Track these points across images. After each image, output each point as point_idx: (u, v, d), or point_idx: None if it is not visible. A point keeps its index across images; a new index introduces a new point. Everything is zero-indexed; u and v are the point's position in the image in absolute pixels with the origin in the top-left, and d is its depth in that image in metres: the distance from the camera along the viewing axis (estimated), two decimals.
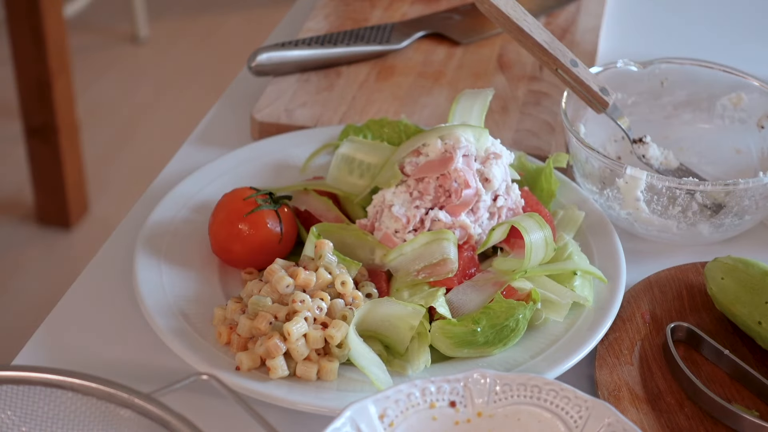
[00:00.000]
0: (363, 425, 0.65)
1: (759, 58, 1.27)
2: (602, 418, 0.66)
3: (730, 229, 0.94)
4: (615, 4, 1.39)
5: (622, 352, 0.82)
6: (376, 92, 1.15)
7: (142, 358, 0.82)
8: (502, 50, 1.24)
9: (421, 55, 1.23)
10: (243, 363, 0.77)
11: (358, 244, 0.87)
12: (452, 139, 0.88)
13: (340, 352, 0.78)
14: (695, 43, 1.31)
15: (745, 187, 0.89)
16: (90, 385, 0.64)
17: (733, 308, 0.83)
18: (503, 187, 0.89)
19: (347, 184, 0.93)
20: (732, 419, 0.76)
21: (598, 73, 1.01)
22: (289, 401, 0.75)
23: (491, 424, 0.68)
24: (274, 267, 0.82)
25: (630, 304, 0.86)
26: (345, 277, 0.81)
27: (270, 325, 0.79)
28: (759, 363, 0.82)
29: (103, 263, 0.93)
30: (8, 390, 0.64)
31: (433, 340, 0.80)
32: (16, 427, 0.65)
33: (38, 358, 0.82)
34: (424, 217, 0.87)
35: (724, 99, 1.06)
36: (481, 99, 0.95)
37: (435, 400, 0.68)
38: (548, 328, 0.83)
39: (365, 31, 1.24)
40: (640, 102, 1.07)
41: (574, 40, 1.27)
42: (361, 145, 0.95)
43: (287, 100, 1.13)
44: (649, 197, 0.92)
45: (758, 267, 0.84)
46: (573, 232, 0.92)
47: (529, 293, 0.83)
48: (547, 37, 0.95)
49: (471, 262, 0.86)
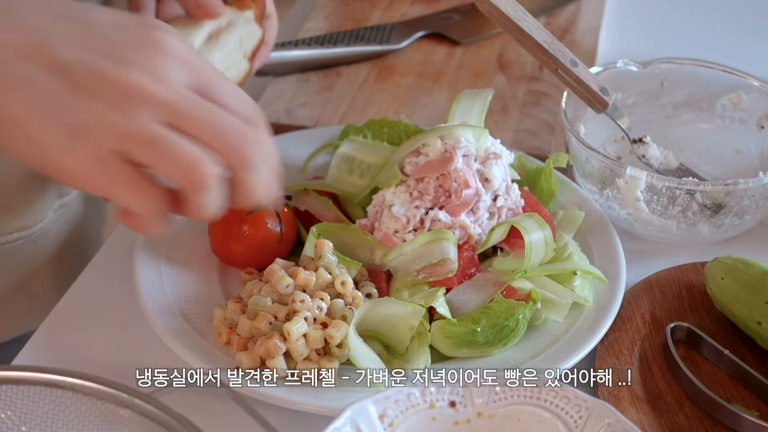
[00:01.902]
0: (363, 425, 0.65)
1: (759, 58, 1.27)
2: (602, 418, 0.66)
3: (730, 229, 0.94)
4: (615, 4, 1.39)
5: (622, 352, 0.82)
6: (376, 92, 1.15)
7: (142, 358, 0.82)
8: (502, 50, 1.24)
9: (421, 55, 1.23)
10: (243, 363, 0.77)
11: (358, 244, 0.87)
12: (452, 139, 0.88)
13: (340, 352, 0.78)
14: (695, 43, 1.31)
15: (745, 187, 0.89)
16: (90, 385, 0.64)
17: (733, 308, 0.83)
18: (503, 187, 0.89)
19: (347, 184, 0.93)
20: (732, 419, 0.76)
21: (598, 73, 1.01)
22: (289, 401, 0.75)
23: (491, 424, 0.68)
24: (274, 267, 0.82)
25: (630, 304, 0.86)
26: (345, 277, 0.81)
27: (270, 325, 0.79)
28: (759, 363, 0.82)
29: (103, 263, 0.93)
30: (8, 390, 0.64)
31: (433, 340, 0.80)
32: (16, 427, 0.65)
33: (38, 358, 0.82)
34: (424, 217, 0.87)
35: (724, 99, 1.06)
36: (481, 99, 0.95)
37: (435, 400, 0.68)
38: (548, 328, 0.83)
39: (365, 31, 1.24)
40: (640, 102, 1.07)
41: (574, 40, 1.27)
42: (361, 145, 0.95)
43: (287, 100, 1.13)
44: (649, 197, 0.92)
45: (758, 267, 0.84)
46: (573, 232, 0.92)
47: (529, 293, 0.83)
48: (547, 37, 0.95)
49: (471, 262, 0.86)
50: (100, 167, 0.65)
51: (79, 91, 0.64)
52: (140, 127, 0.65)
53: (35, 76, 0.64)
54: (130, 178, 0.65)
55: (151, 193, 0.66)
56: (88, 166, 0.65)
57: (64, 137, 0.64)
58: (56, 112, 0.64)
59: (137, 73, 0.65)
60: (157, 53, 0.67)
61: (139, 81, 0.65)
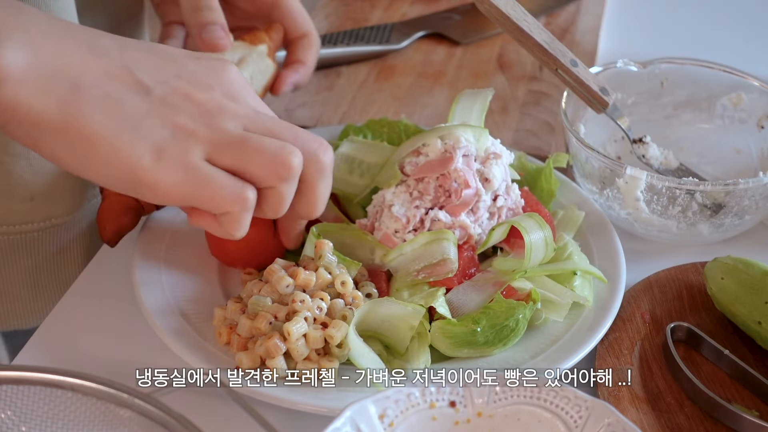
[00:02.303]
0: (363, 425, 0.65)
1: (759, 58, 1.27)
2: (602, 418, 0.66)
3: (730, 229, 0.94)
4: (615, 4, 1.39)
5: (622, 352, 0.82)
6: (376, 92, 1.15)
7: (142, 358, 0.82)
8: (502, 50, 1.24)
9: (421, 55, 1.23)
10: (243, 363, 0.77)
11: (358, 244, 0.87)
12: (452, 139, 0.88)
13: (340, 352, 0.78)
14: (695, 43, 1.31)
15: (745, 187, 0.89)
16: (90, 385, 0.64)
17: (733, 308, 0.83)
18: (503, 187, 0.89)
19: (347, 184, 0.93)
20: (732, 419, 0.76)
21: (598, 73, 1.01)
22: (289, 401, 0.75)
23: (491, 424, 0.68)
24: (274, 267, 0.82)
25: (630, 304, 0.86)
26: (345, 277, 0.81)
27: (270, 325, 0.79)
28: (759, 363, 0.82)
29: (103, 263, 0.93)
30: (8, 390, 0.64)
31: (433, 340, 0.80)
32: (15, 427, 0.65)
33: (38, 358, 0.82)
34: (424, 217, 0.87)
35: (724, 99, 1.06)
36: (481, 99, 0.95)
37: (435, 400, 0.68)
38: (548, 328, 0.83)
39: (365, 31, 1.24)
40: (640, 102, 1.07)
41: (574, 40, 1.27)
42: (361, 145, 0.95)
43: (287, 100, 1.13)
44: (649, 197, 0.92)
45: (758, 267, 0.84)
46: (573, 232, 0.92)
47: (529, 293, 0.83)
48: (547, 37, 0.95)
49: (471, 262, 0.86)
50: (189, 174, 0.70)
51: (165, 109, 0.70)
52: (225, 131, 0.71)
53: (123, 96, 0.69)
54: (221, 179, 0.71)
55: (241, 188, 0.72)
56: (177, 175, 0.70)
57: (151, 150, 0.69)
58: (143, 128, 0.69)
59: (214, 92, 0.73)
60: (226, 78, 0.74)
61: (217, 98, 0.72)
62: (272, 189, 0.73)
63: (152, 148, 0.69)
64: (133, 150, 0.68)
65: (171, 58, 0.73)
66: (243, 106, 0.74)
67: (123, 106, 0.69)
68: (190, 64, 0.74)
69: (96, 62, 0.69)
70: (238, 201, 0.72)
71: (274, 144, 0.72)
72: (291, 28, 1.00)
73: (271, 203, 0.74)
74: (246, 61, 0.91)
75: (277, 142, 0.72)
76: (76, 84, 0.68)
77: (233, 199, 0.72)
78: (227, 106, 0.72)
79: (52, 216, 0.95)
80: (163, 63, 0.72)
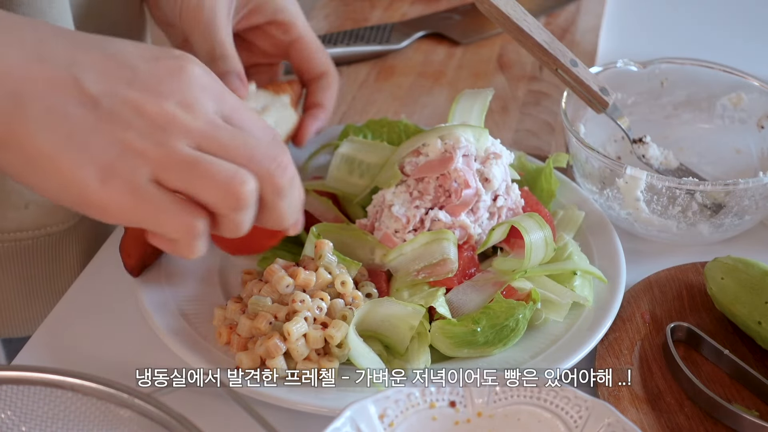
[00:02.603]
0: (363, 425, 0.65)
1: (759, 58, 1.27)
2: (602, 418, 0.66)
3: (730, 229, 0.94)
4: (615, 4, 1.39)
5: (622, 352, 0.82)
6: (376, 92, 1.15)
7: (142, 358, 0.82)
8: (502, 50, 1.24)
9: (421, 55, 1.23)
10: (243, 363, 0.77)
11: (358, 244, 0.87)
12: (452, 139, 0.88)
13: (340, 352, 0.78)
14: (695, 43, 1.31)
15: (745, 187, 0.89)
16: (90, 385, 0.64)
17: (733, 308, 0.83)
18: (503, 187, 0.89)
19: (347, 184, 0.93)
20: (732, 419, 0.76)
21: (598, 73, 1.01)
22: (289, 401, 0.75)
23: (491, 424, 0.68)
24: (274, 267, 0.82)
25: (630, 304, 0.86)
26: (345, 277, 0.81)
27: (270, 325, 0.79)
28: (759, 363, 0.82)
29: (103, 263, 0.93)
30: (8, 390, 0.64)
31: (433, 340, 0.80)
32: (15, 427, 0.65)
33: (38, 358, 0.82)
34: (424, 217, 0.87)
35: (724, 99, 1.06)
36: (481, 99, 0.95)
37: (435, 400, 0.68)
38: (548, 328, 0.83)
39: (365, 31, 1.24)
40: (640, 102, 1.07)
41: (574, 40, 1.27)
42: (361, 145, 0.95)
43: None
44: (649, 197, 0.92)
45: (758, 267, 0.84)
46: (573, 232, 0.92)
47: (529, 293, 0.83)
48: (547, 37, 0.95)
49: (471, 262, 0.86)
50: (137, 198, 0.65)
51: (111, 125, 0.65)
52: (174, 152, 0.66)
53: (68, 110, 0.64)
54: (169, 205, 0.66)
55: (190, 216, 0.67)
56: (125, 198, 0.65)
57: (98, 171, 0.64)
58: (89, 146, 0.64)
59: (167, 102, 0.66)
60: (184, 82, 0.68)
61: (169, 110, 0.66)
62: (225, 216, 0.68)
63: (98, 168, 0.64)
64: (80, 170, 0.64)
65: (125, 61, 0.67)
66: (198, 118, 0.67)
67: (68, 121, 0.64)
68: (145, 67, 0.67)
69: (39, 69, 0.64)
70: (185, 230, 0.67)
71: (224, 170, 0.66)
72: (310, 66, 0.96)
73: (227, 228, 0.69)
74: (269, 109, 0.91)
75: (228, 168, 0.67)
76: (17, 95, 0.63)
77: (180, 228, 0.67)
78: (180, 120, 0.66)
79: (47, 224, 0.95)
80: (115, 68, 0.67)
